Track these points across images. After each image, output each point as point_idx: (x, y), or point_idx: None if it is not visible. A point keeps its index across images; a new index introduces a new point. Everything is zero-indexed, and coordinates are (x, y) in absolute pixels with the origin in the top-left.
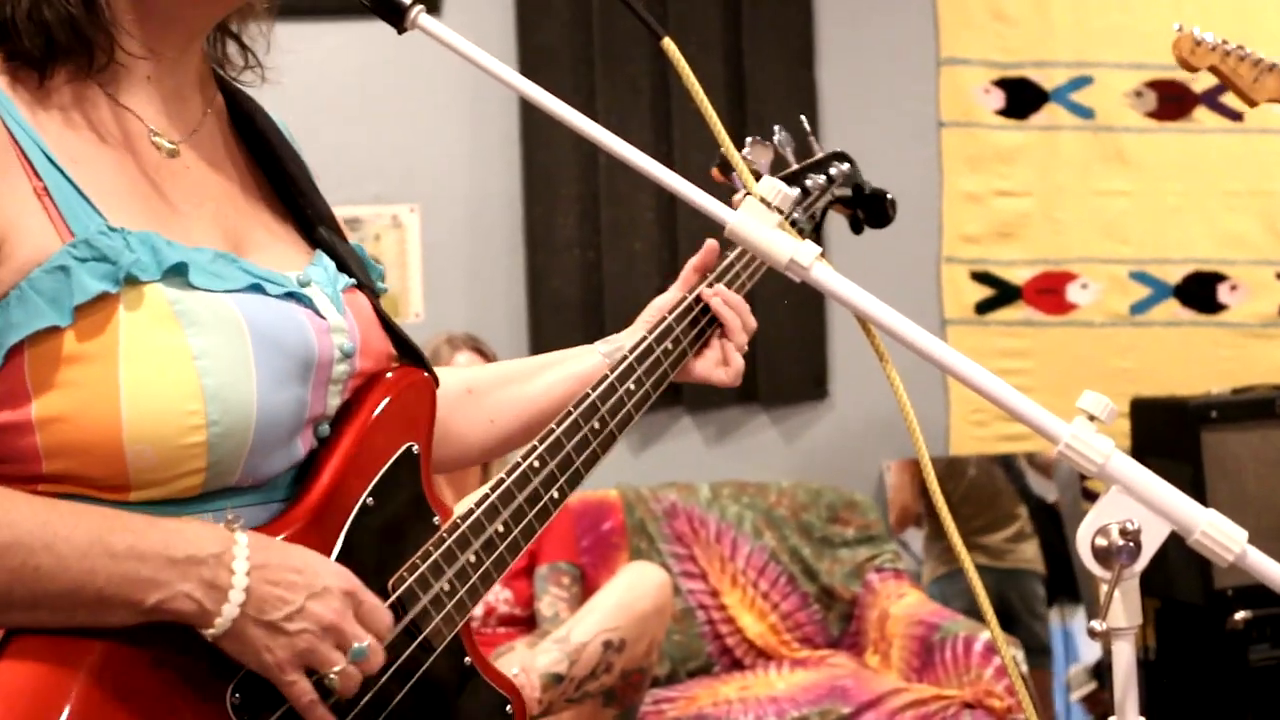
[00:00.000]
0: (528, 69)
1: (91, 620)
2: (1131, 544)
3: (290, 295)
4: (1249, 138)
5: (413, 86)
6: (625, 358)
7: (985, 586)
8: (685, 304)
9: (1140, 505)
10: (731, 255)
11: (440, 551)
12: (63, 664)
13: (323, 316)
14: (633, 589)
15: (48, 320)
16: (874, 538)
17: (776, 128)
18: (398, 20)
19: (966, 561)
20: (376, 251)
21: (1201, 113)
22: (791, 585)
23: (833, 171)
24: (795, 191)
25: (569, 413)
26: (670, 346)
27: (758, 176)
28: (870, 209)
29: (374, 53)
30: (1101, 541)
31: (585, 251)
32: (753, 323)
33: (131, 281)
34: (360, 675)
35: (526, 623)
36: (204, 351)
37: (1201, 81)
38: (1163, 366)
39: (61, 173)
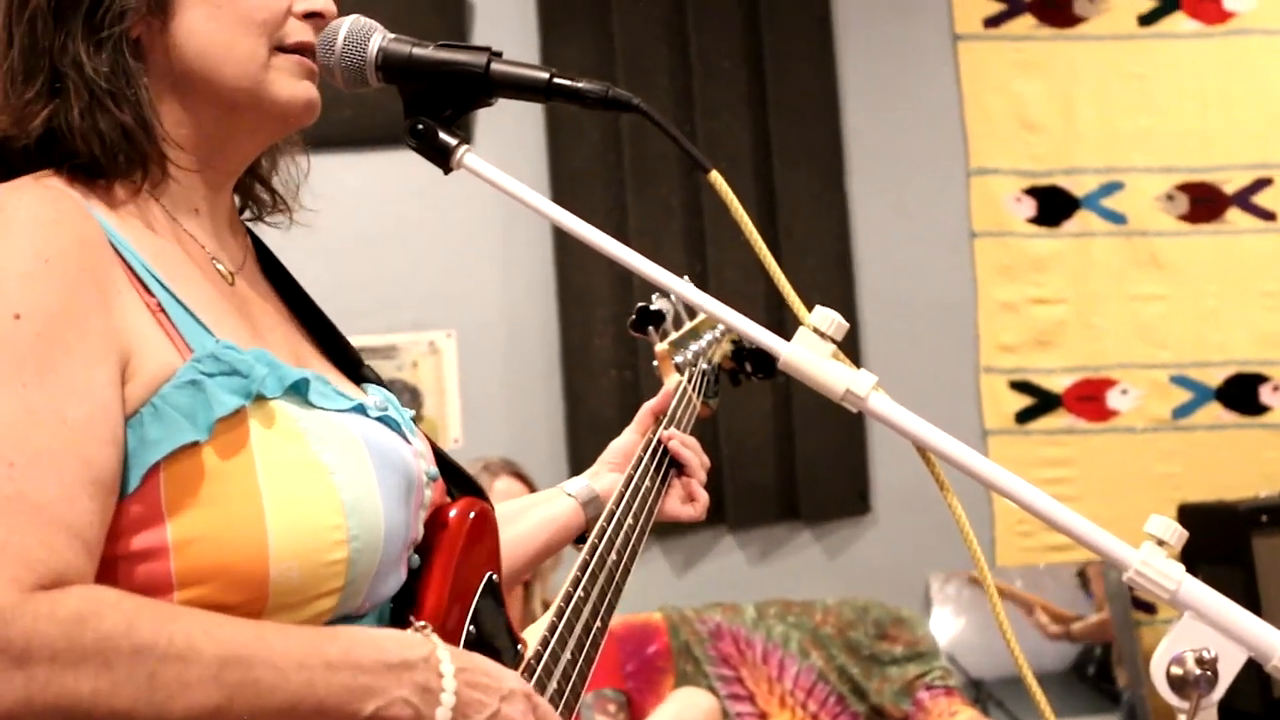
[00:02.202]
0: (559, 191)
1: None
2: (1209, 673)
3: (381, 419)
4: None
5: (446, 213)
6: (622, 494)
7: None
8: (651, 445)
9: (1215, 632)
10: (674, 401)
11: (534, 681)
12: None
13: (409, 441)
14: (681, 715)
15: (188, 436)
16: (923, 654)
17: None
18: (444, 161)
19: (1027, 674)
20: (414, 378)
21: (1234, 214)
22: (841, 705)
23: (718, 330)
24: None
25: (594, 545)
26: (649, 484)
27: (664, 335)
28: (755, 360)
29: (408, 181)
30: (1177, 670)
31: (622, 371)
32: (707, 461)
33: (259, 398)
34: None
35: None
36: (337, 467)
37: (1233, 183)
38: (1208, 471)
39: (165, 289)
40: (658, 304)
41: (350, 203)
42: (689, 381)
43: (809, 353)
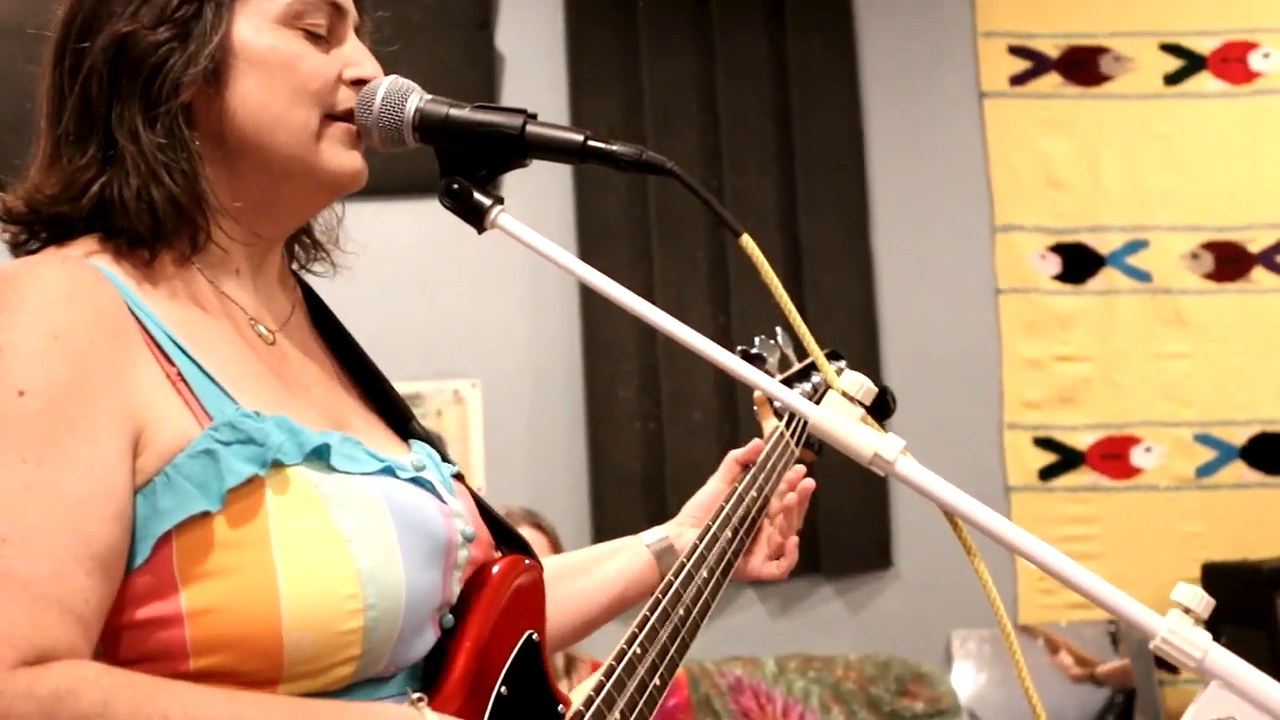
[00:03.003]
0: (586, 243)
1: None
2: None
3: (414, 480)
4: None
5: (474, 263)
6: (695, 545)
7: None
8: (736, 495)
9: (1243, 701)
10: (768, 447)
11: None
12: None
13: (444, 501)
14: None
15: (199, 505)
16: (944, 711)
17: (779, 329)
18: (478, 221)
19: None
20: (439, 426)
21: (1259, 273)
22: None
23: (832, 369)
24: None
25: (658, 599)
26: (729, 535)
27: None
28: (872, 403)
29: (437, 230)
30: None
31: (646, 423)
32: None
33: (276, 465)
34: None
35: None
36: (355, 533)
37: (1259, 241)
38: (1233, 530)
39: (188, 357)
40: (759, 348)
41: (378, 251)
42: (788, 427)
43: (838, 416)
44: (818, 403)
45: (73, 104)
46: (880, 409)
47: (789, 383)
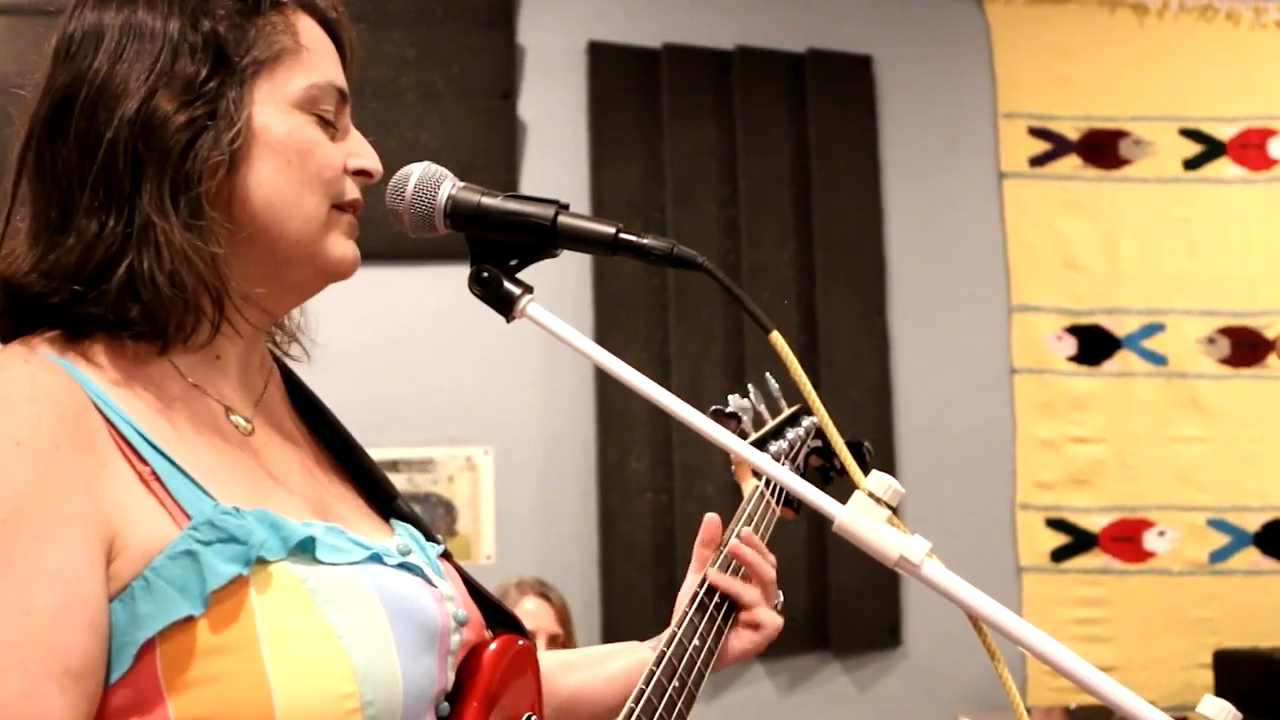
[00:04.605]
0: (603, 315)
1: None
2: None
3: (402, 565)
4: None
5: (487, 329)
6: (686, 612)
7: None
8: (722, 558)
9: None
10: (748, 507)
11: None
12: None
13: (433, 585)
14: None
15: (182, 610)
16: None
17: (750, 386)
18: (507, 309)
19: None
20: (450, 492)
21: (1275, 359)
22: None
23: (805, 424)
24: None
25: (652, 672)
26: (720, 598)
27: (742, 436)
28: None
29: (449, 295)
30: None
31: (658, 495)
32: (772, 563)
33: (260, 562)
34: None
35: None
36: (346, 628)
37: (1275, 327)
38: (1245, 617)
39: (162, 454)
40: (733, 405)
41: (393, 316)
42: (767, 486)
43: (864, 517)
44: (794, 458)
45: (96, 174)
46: (858, 460)
47: (765, 440)
